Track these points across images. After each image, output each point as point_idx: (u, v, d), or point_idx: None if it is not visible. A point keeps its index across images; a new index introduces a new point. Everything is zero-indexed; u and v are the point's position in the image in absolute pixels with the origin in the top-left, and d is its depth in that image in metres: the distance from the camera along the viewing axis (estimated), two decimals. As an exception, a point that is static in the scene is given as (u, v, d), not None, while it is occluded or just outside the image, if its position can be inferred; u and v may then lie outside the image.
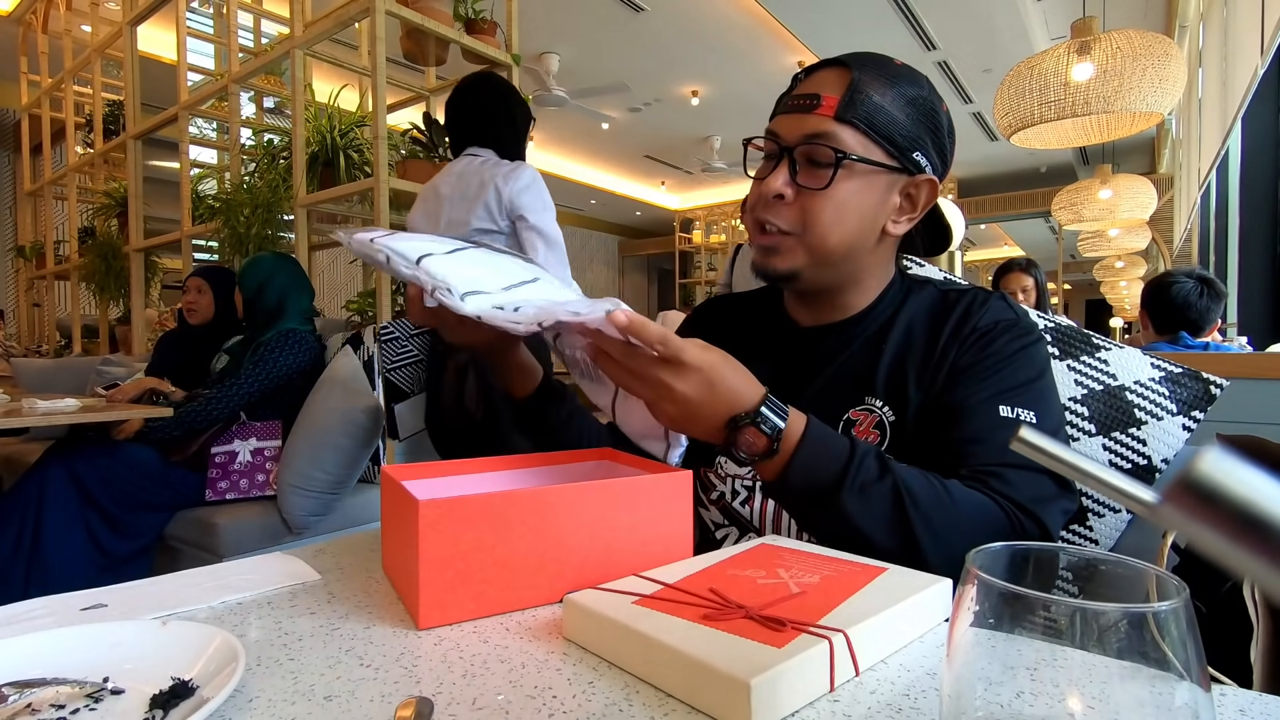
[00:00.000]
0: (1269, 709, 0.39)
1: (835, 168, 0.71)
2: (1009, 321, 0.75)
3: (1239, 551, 0.24)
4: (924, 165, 0.75)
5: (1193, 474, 0.24)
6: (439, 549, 0.51)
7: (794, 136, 0.73)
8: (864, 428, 0.76)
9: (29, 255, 5.08)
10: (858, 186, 0.73)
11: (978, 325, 0.75)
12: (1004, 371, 0.72)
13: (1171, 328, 2.36)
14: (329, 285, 7.80)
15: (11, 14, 5.07)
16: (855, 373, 0.78)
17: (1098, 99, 2.65)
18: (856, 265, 0.78)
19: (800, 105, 0.73)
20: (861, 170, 0.72)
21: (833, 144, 0.71)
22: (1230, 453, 0.24)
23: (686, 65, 6.74)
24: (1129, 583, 0.30)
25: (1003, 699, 0.28)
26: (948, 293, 0.80)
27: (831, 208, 0.72)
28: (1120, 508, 0.87)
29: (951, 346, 0.74)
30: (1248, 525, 0.23)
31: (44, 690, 0.41)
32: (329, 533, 2.15)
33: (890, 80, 0.73)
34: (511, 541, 0.54)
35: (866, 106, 0.71)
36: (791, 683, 0.39)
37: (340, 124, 2.79)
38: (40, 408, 1.81)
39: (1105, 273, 9.69)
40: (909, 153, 0.73)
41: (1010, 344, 0.73)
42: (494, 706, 0.40)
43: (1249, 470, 0.24)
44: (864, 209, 0.74)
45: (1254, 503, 0.23)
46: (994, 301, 0.77)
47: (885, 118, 0.72)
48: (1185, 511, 0.24)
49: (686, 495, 0.61)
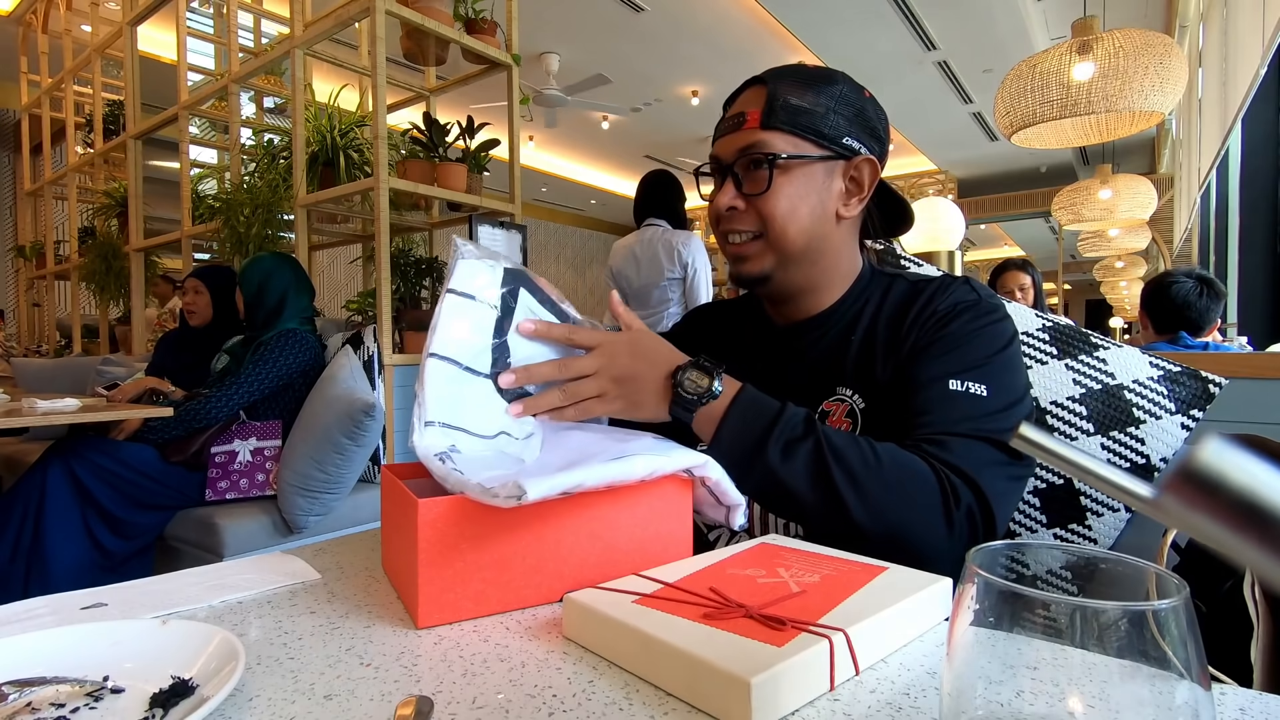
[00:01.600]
0: (1269, 708, 0.39)
1: (770, 170, 0.77)
2: (969, 303, 0.77)
3: (1239, 541, 0.24)
4: (858, 148, 0.80)
5: (1193, 463, 0.24)
6: (438, 548, 0.51)
7: (730, 154, 0.80)
8: (837, 417, 0.78)
9: (29, 255, 5.08)
10: (798, 181, 0.78)
11: (937, 309, 0.77)
12: (959, 350, 0.73)
13: (1171, 328, 2.35)
14: (329, 285, 7.80)
15: (11, 14, 5.07)
16: (827, 365, 0.81)
17: (1098, 98, 2.65)
18: (820, 256, 0.82)
19: (731, 126, 0.80)
20: (796, 166, 0.78)
21: (763, 150, 0.77)
22: (1230, 442, 0.23)
23: (686, 65, 6.74)
24: (1129, 581, 0.30)
25: (1003, 698, 0.28)
26: (917, 282, 0.82)
27: (781, 204, 0.78)
28: (1119, 507, 0.87)
29: (913, 330, 0.77)
30: (1248, 514, 0.23)
31: (44, 689, 0.41)
32: (329, 532, 2.15)
33: (804, 83, 0.79)
34: (511, 541, 0.54)
35: (786, 110, 0.77)
36: (792, 681, 0.39)
37: (340, 124, 2.78)
38: (40, 407, 1.81)
39: (1105, 273, 9.69)
40: (838, 140, 0.78)
41: (968, 324, 0.75)
42: (494, 705, 0.40)
43: (1250, 459, 0.23)
44: (810, 199, 0.79)
45: (1255, 492, 0.23)
46: (957, 285, 0.79)
47: (805, 116, 0.77)
48: (1185, 501, 0.24)
49: (686, 496, 0.61)
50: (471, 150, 2.65)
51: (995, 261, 5.03)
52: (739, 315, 0.96)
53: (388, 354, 2.33)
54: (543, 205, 11.81)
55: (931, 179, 10.02)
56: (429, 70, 3.13)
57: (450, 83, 3.11)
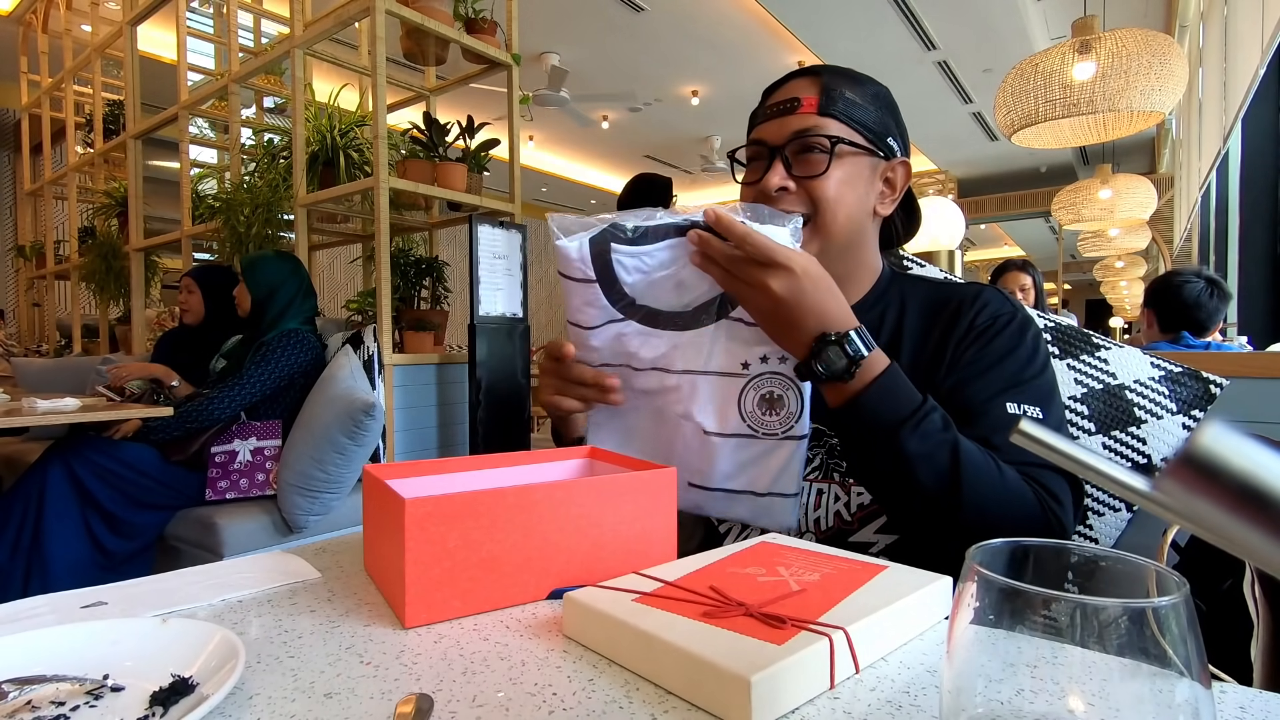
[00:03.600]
0: (1269, 706, 0.39)
1: (830, 154, 0.77)
2: (1008, 315, 0.77)
3: (1241, 526, 0.23)
4: (897, 150, 0.82)
5: (1195, 448, 0.23)
6: (425, 547, 0.51)
7: (781, 137, 0.79)
8: None
9: (29, 255, 5.08)
10: (849, 170, 0.79)
11: (976, 321, 0.76)
12: (1008, 366, 0.73)
13: (1177, 327, 2.35)
14: (329, 285, 7.79)
15: (11, 14, 5.07)
16: None
17: (1099, 98, 2.65)
18: (857, 249, 0.82)
19: (782, 109, 0.80)
20: (849, 155, 0.78)
21: (822, 133, 0.77)
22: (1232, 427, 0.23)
23: (686, 65, 6.74)
24: (1129, 579, 0.30)
25: (1003, 696, 0.28)
26: (942, 286, 0.83)
27: (834, 188, 0.78)
28: (1120, 506, 0.87)
29: (949, 342, 0.76)
30: (1250, 498, 0.23)
31: (44, 687, 0.41)
32: (329, 532, 2.15)
33: (854, 80, 0.81)
34: (497, 538, 0.54)
35: (842, 101, 0.78)
36: (792, 679, 0.39)
37: (340, 123, 2.78)
38: (40, 407, 1.81)
39: (1105, 273, 9.69)
40: (883, 139, 0.80)
41: (1012, 339, 0.75)
42: (494, 704, 0.40)
43: (1251, 443, 0.23)
44: (858, 190, 0.79)
45: (1256, 475, 0.23)
46: (990, 295, 0.79)
47: (859, 110, 0.79)
48: (1187, 486, 0.24)
49: (671, 492, 0.61)
50: (471, 150, 2.65)
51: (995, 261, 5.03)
52: None
53: (388, 353, 2.33)
54: (543, 205, 11.82)
55: (931, 179, 10.02)
56: (429, 70, 3.13)
57: (450, 83, 3.11)
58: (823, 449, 0.79)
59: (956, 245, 3.06)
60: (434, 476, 0.68)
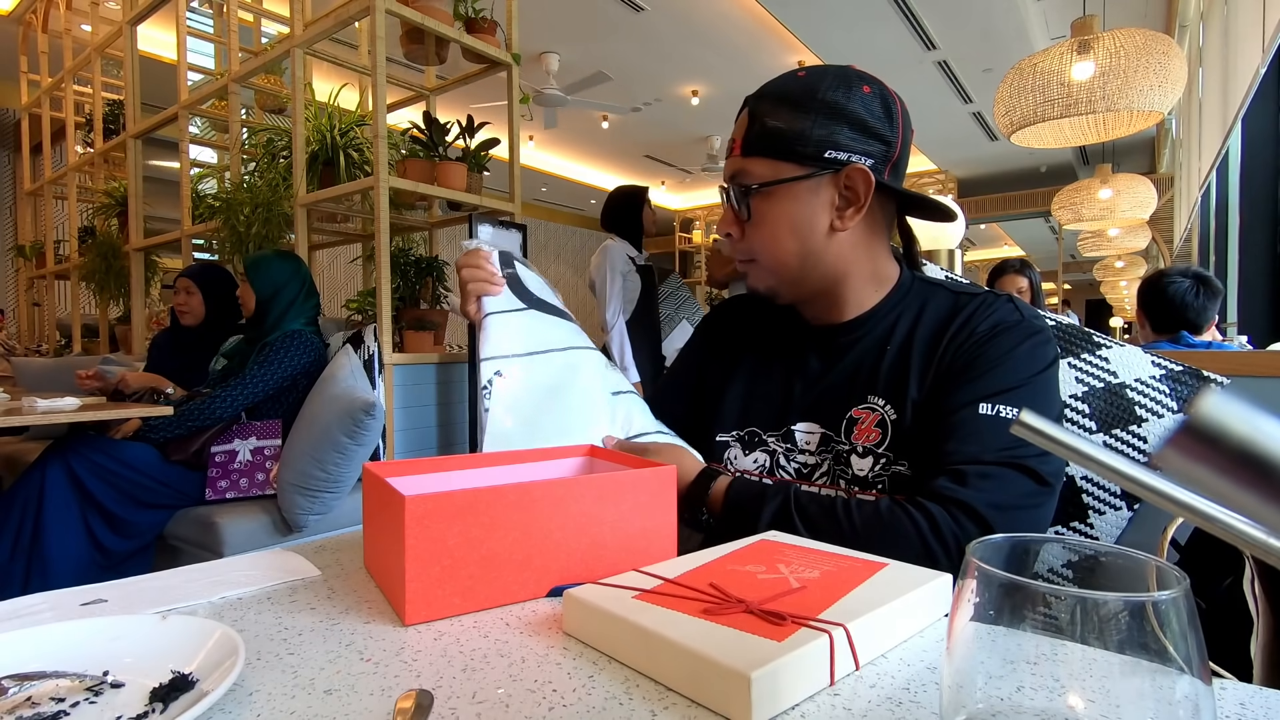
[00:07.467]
0: (1269, 703, 0.39)
1: (746, 200, 0.79)
2: (1010, 323, 0.75)
3: (1243, 493, 0.23)
4: (845, 158, 0.76)
5: (1196, 415, 0.23)
6: (425, 544, 0.51)
7: (726, 180, 0.82)
8: (866, 425, 0.77)
9: (29, 255, 5.07)
10: (779, 205, 0.78)
11: (976, 329, 0.75)
12: (994, 371, 0.72)
13: (1169, 327, 2.35)
14: (329, 285, 7.79)
15: (11, 13, 5.06)
16: (860, 371, 0.80)
17: (1098, 98, 2.65)
18: (824, 268, 0.81)
19: (727, 152, 0.83)
20: (776, 190, 0.78)
21: (743, 180, 0.79)
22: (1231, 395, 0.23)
23: (686, 65, 6.74)
24: (1129, 574, 0.30)
25: (1003, 692, 0.28)
26: (959, 295, 0.80)
27: (765, 230, 0.79)
28: (1121, 505, 0.87)
29: (949, 348, 0.75)
30: (1250, 464, 0.23)
31: (44, 683, 0.41)
32: (329, 531, 2.14)
33: (781, 100, 0.77)
34: (497, 536, 0.54)
35: (763, 135, 0.77)
36: (792, 676, 0.39)
37: (340, 123, 2.78)
38: (40, 406, 1.81)
39: (1105, 273, 9.69)
40: (819, 156, 0.75)
41: (1005, 345, 0.73)
42: (494, 700, 0.40)
43: (1252, 410, 0.23)
44: (795, 221, 0.78)
45: (1256, 441, 0.23)
46: (1000, 305, 0.77)
47: (780, 138, 0.76)
48: (1188, 454, 0.24)
49: (670, 490, 0.62)
50: (471, 150, 2.65)
51: (995, 261, 5.02)
52: (772, 309, 0.92)
53: (388, 353, 2.33)
54: (543, 205, 11.81)
55: (931, 179, 10.01)
56: (429, 69, 3.13)
57: (450, 82, 3.11)
58: (829, 455, 0.79)
59: (956, 245, 3.05)
60: (434, 474, 0.68)
